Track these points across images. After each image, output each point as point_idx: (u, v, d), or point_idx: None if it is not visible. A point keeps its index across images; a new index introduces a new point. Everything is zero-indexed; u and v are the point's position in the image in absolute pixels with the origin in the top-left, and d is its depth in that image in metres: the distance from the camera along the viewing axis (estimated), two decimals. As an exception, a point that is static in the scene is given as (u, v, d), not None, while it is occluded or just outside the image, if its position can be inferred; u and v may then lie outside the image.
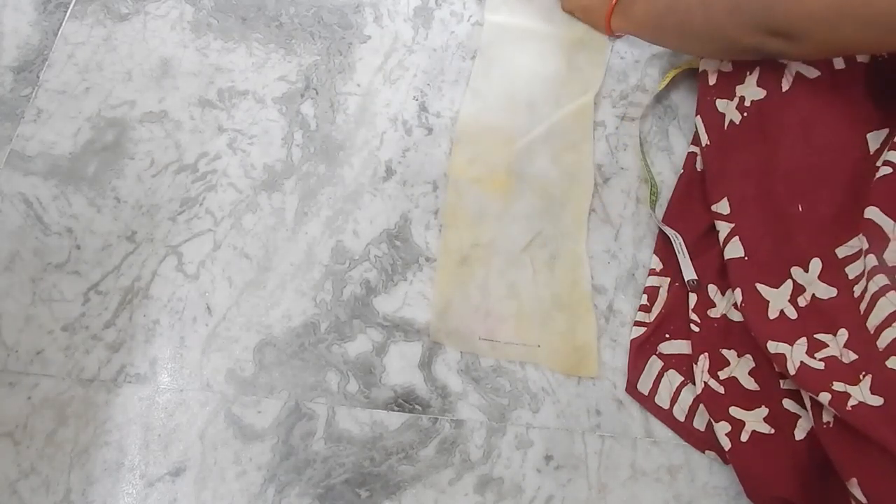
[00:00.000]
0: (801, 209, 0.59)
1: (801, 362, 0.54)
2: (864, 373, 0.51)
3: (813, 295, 0.58)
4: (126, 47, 0.75)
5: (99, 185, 0.69)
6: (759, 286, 0.60)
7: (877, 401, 0.50)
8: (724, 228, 0.63)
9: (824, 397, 0.52)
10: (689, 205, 0.69)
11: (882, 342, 0.52)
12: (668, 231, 0.67)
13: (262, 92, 0.74)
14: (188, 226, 0.68)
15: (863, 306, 0.56)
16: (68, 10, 0.76)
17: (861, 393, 0.51)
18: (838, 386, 0.52)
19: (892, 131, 0.58)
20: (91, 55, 0.74)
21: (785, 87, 0.61)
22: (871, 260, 0.54)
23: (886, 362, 0.51)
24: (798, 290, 0.59)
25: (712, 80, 0.68)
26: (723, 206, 0.64)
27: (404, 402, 0.63)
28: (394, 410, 0.62)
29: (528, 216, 0.69)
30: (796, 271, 0.59)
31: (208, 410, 0.61)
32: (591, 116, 0.74)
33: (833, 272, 0.56)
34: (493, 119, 0.74)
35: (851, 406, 0.50)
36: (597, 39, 0.78)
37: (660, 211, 0.71)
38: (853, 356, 0.53)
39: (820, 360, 0.54)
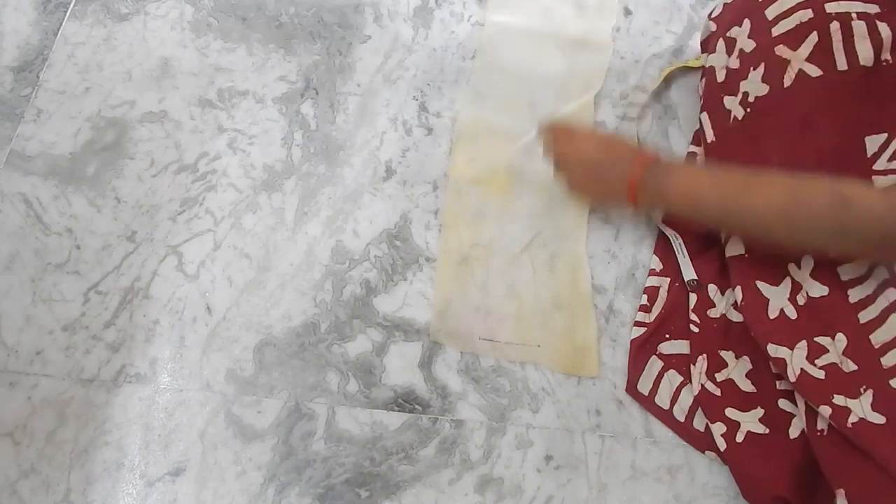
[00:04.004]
0: None
1: (802, 369, 0.54)
2: (864, 387, 0.51)
3: (807, 293, 0.59)
4: (126, 47, 0.75)
5: (99, 185, 0.69)
6: (759, 283, 0.60)
7: (879, 419, 0.50)
8: None
9: (825, 411, 0.52)
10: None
11: (888, 360, 0.52)
12: (668, 231, 0.67)
13: (262, 92, 0.74)
14: (188, 226, 0.68)
15: (866, 316, 0.55)
16: (68, 10, 0.76)
17: (862, 408, 0.50)
18: (839, 399, 0.52)
19: (891, 135, 0.58)
20: (91, 55, 0.74)
21: (787, 83, 0.61)
22: (883, 272, 0.54)
23: (890, 381, 0.51)
24: (796, 287, 0.59)
25: (721, 77, 0.67)
26: None
27: (404, 402, 0.63)
28: (394, 410, 0.62)
29: (528, 216, 0.69)
30: (792, 267, 0.59)
31: (208, 410, 0.61)
32: (591, 116, 0.74)
33: (824, 270, 0.56)
34: (493, 119, 0.74)
35: (852, 423, 0.50)
36: (598, 40, 0.78)
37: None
38: (853, 366, 0.53)
39: (820, 367, 0.54)
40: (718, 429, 0.59)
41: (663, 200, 0.59)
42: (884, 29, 0.55)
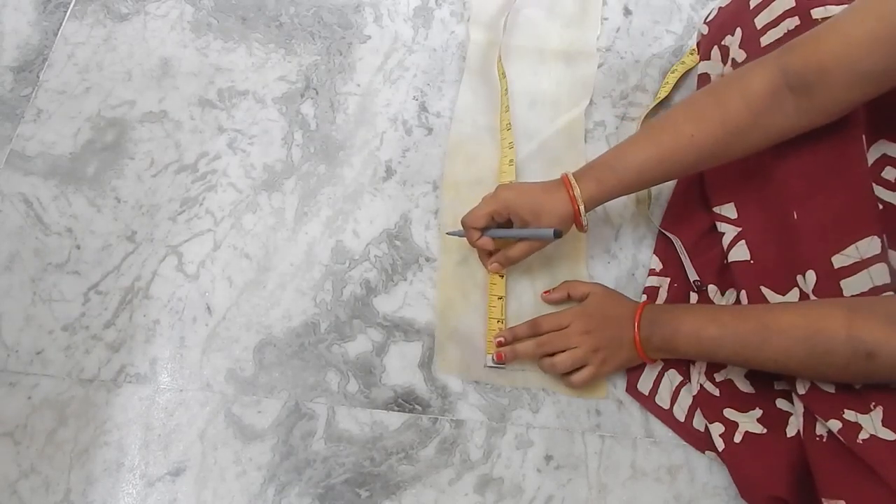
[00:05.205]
0: (795, 217, 0.58)
1: (811, 382, 0.54)
2: (874, 403, 0.51)
3: None
4: (126, 47, 0.75)
5: (99, 185, 0.69)
6: (765, 290, 0.59)
7: (889, 435, 0.49)
8: (729, 231, 0.63)
9: (834, 425, 0.51)
10: (688, 206, 0.69)
11: None
12: (669, 234, 0.67)
13: (262, 92, 0.74)
14: (188, 226, 0.68)
15: None
16: (68, 10, 0.76)
17: (872, 424, 0.50)
18: (849, 415, 0.51)
19: (868, 141, 0.57)
20: (91, 55, 0.74)
21: None
22: (891, 289, 0.53)
23: None
24: (804, 298, 0.58)
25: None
26: (728, 210, 0.63)
27: (404, 402, 0.63)
28: (394, 410, 0.62)
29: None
30: (800, 279, 0.58)
31: (208, 410, 0.61)
32: (582, 131, 0.73)
33: (828, 285, 0.55)
34: (484, 142, 0.73)
35: (863, 440, 0.50)
36: (583, 52, 0.77)
37: (659, 210, 0.71)
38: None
39: None
40: (717, 429, 0.59)
41: (674, 353, 0.60)
42: None
